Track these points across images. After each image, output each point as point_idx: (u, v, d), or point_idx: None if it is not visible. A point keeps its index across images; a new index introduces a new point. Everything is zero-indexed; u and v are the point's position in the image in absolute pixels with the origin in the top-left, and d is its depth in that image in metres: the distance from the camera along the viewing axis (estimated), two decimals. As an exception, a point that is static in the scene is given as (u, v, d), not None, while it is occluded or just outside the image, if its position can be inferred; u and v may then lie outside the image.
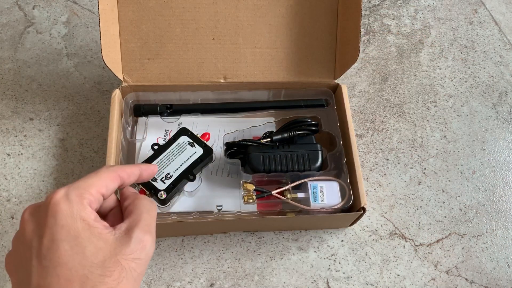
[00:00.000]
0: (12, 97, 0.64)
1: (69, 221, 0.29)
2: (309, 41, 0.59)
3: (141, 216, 0.32)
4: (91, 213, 0.30)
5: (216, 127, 0.60)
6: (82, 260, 0.28)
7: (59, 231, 0.28)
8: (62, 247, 0.28)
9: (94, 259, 0.28)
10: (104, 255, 0.28)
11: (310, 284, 0.53)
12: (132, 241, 0.30)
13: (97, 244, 0.29)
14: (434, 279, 0.55)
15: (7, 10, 0.73)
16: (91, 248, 0.28)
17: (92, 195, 0.31)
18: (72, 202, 0.29)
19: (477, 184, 0.62)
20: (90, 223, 0.29)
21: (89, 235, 0.29)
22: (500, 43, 0.76)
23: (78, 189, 0.30)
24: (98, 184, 0.32)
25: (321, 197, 0.51)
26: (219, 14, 0.57)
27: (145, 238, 0.31)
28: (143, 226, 0.31)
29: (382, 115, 0.67)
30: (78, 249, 0.28)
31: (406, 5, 0.80)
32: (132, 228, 0.31)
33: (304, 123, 0.56)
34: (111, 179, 0.33)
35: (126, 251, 0.29)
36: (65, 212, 0.29)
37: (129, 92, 0.58)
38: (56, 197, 0.29)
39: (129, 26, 0.56)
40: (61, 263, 0.28)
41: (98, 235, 0.29)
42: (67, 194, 0.30)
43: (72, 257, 0.28)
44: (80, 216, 0.29)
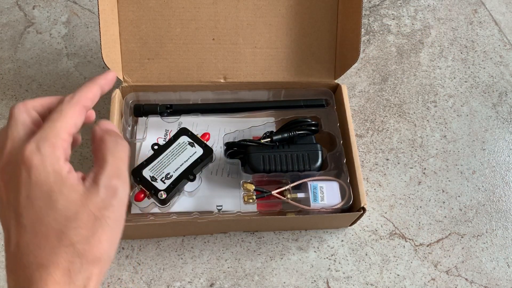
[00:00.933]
0: (12, 97, 0.64)
1: (42, 176, 0.28)
2: (309, 41, 0.59)
3: (106, 160, 0.30)
4: (64, 165, 0.29)
5: (216, 127, 0.60)
6: (55, 215, 0.28)
7: (34, 188, 0.28)
8: (37, 204, 0.28)
9: (67, 212, 0.28)
10: (76, 207, 0.28)
11: (310, 284, 0.53)
12: (100, 189, 0.29)
13: (69, 196, 0.28)
14: (434, 279, 0.55)
15: (7, 10, 0.73)
16: (63, 201, 0.28)
17: (64, 141, 0.29)
18: (45, 155, 0.28)
19: (477, 184, 0.62)
20: (63, 175, 0.28)
21: (61, 188, 0.28)
22: (500, 43, 0.76)
23: (48, 139, 0.29)
24: (66, 126, 0.30)
25: (321, 197, 0.51)
26: (219, 14, 0.57)
27: (113, 183, 0.29)
28: (109, 171, 0.29)
29: (382, 115, 0.67)
30: (51, 204, 0.28)
31: (406, 5, 0.80)
32: (98, 175, 0.29)
33: (304, 123, 0.56)
34: (78, 114, 0.31)
35: (96, 200, 0.28)
36: (38, 167, 0.28)
37: (129, 92, 0.58)
38: (27, 152, 0.28)
39: (129, 26, 0.56)
40: (37, 220, 0.28)
41: (70, 187, 0.28)
42: (37, 146, 0.28)
43: (47, 212, 0.28)
44: (53, 169, 0.28)
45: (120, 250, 0.54)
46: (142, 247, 0.55)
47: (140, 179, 0.50)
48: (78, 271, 0.27)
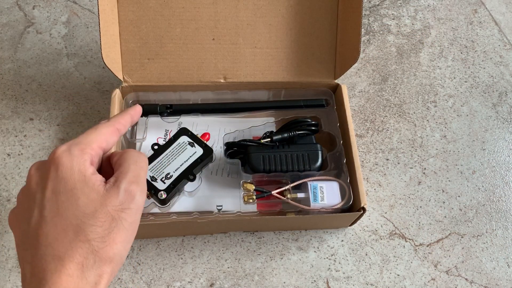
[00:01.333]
0: (12, 97, 0.64)
1: (68, 173, 0.30)
2: (309, 41, 0.59)
3: (129, 167, 0.33)
4: (89, 167, 0.31)
5: (216, 127, 0.60)
6: (75, 211, 0.30)
7: (59, 183, 0.30)
8: (60, 198, 0.30)
9: (87, 209, 0.30)
10: (95, 206, 0.30)
11: (310, 284, 0.53)
12: (120, 192, 0.31)
13: (90, 195, 0.30)
14: (434, 279, 0.55)
15: (7, 10, 0.73)
16: (84, 199, 0.30)
17: (93, 150, 0.32)
18: (73, 155, 0.31)
19: (477, 184, 0.62)
20: (87, 176, 0.31)
21: (84, 187, 0.30)
22: (500, 43, 0.76)
23: (80, 144, 0.32)
24: (98, 139, 0.33)
25: (321, 197, 0.51)
26: (219, 14, 0.57)
27: (132, 188, 0.31)
28: (130, 177, 0.32)
29: (382, 115, 0.67)
30: (73, 200, 0.30)
31: (406, 5, 0.80)
32: (120, 179, 0.32)
33: (304, 123, 0.56)
34: (111, 133, 0.35)
35: (115, 202, 0.30)
36: (66, 165, 0.30)
37: (129, 92, 0.58)
38: (59, 151, 0.31)
39: (129, 26, 0.56)
40: (59, 213, 0.30)
41: (92, 187, 0.30)
42: (69, 148, 0.31)
43: (68, 207, 0.30)
44: (78, 168, 0.31)
45: (120, 250, 0.54)
46: (142, 247, 0.55)
47: (140, 179, 0.50)
48: (91, 267, 0.29)
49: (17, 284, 0.51)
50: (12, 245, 0.53)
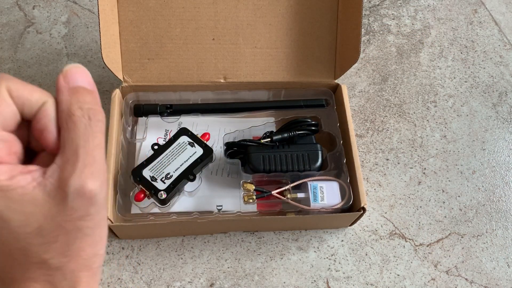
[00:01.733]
0: (12, 97, 0.64)
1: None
2: (309, 41, 0.59)
3: (77, 152, 0.21)
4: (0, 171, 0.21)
5: (216, 127, 0.60)
6: (12, 234, 0.21)
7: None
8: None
9: (27, 229, 0.21)
10: (37, 221, 0.21)
11: (310, 284, 0.53)
12: (69, 198, 0.21)
13: (23, 210, 0.21)
14: (434, 279, 0.55)
15: (7, 10, 0.73)
16: (16, 218, 0.21)
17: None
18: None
19: (477, 184, 0.62)
20: (3, 186, 0.21)
21: (7, 204, 0.21)
22: (500, 43, 0.76)
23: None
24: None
25: (321, 197, 0.51)
26: (219, 14, 0.57)
27: (88, 188, 0.21)
28: (82, 168, 0.21)
29: (382, 115, 0.67)
30: (2, 223, 0.21)
31: (406, 5, 0.80)
32: (65, 176, 0.21)
33: (304, 123, 0.56)
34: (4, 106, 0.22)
35: (64, 212, 0.21)
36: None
37: (129, 92, 0.58)
38: None
39: (129, 26, 0.56)
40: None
41: (20, 199, 0.21)
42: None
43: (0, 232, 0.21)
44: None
45: (120, 250, 0.54)
46: (142, 247, 0.55)
47: (140, 179, 0.50)
48: (61, 280, 0.23)
49: (17, 284, 0.51)
50: (12, 245, 0.53)
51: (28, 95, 0.22)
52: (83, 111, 0.22)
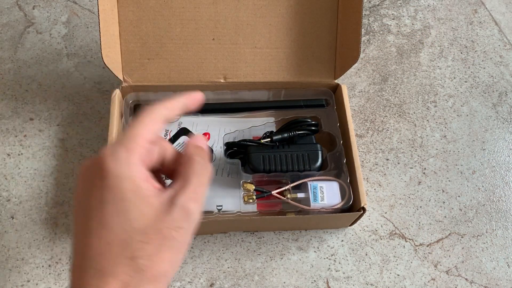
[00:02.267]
0: (12, 97, 0.64)
1: (116, 182, 0.27)
2: (309, 41, 0.59)
3: (190, 181, 0.29)
4: (140, 172, 0.28)
5: (216, 127, 0.60)
6: (124, 224, 0.27)
7: (106, 193, 0.27)
8: (107, 209, 0.27)
9: (136, 224, 0.27)
10: (146, 221, 0.27)
11: (310, 284, 0.53)
12: (175, 209, 0.27)
13: (142, 208, 0.27)
14: (434, 279, 0.55)
15: (7, 10, 0.73)
16: (135, 212, 0.27)
17: (141, 147, 0.29)
18: (120, 160, 0.27)
19: (477, 184, 0.62)
20: (138, 184, 0.27)
21: (135, 198, 0.27)
22: (500, 43, 0.76)
23: (125, 144, 0.28)
24: (144, 131, 0.29)
25: (321, 197, 0.51)
26: (219, 14, 0.57)
27: (190, 206, 0.28)
28: (189, 193, 0.28)
29: (382, 115, 0.67)
30: (122, 212, 0.27)
31: (406, 5, 0.80)
32: (178, 195, 0.28)
33: (304, 123, 0.56)
34: (155, 121, 0.31)
35: (167, 219, 0.27)
36: (113, 172, 0.27)
37: (129, 92, 0.58)
38: (103, 156, 0.28)
39: (129, 26, 0.56)
40: (104, 225, 0.27)
41: (144, 198, 0.27)
42: (114, 151, 0.28)
43: (115, 220, 0.27)
44: (128, 176, 0.27)
45: (120, 250, 0.54)
46: (142, 247, 0.55)
47: (140, 179, 0.50)
48: (134, 286, 0.26)
49: (17, 284, 0.51)
50: (11, 245, 0.53)
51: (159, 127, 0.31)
52: (199, 159, 0.31)
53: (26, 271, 0.52)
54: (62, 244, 0.54)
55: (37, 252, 0.53)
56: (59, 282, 0.51)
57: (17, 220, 0.55)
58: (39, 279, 0.51)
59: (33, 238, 0.54)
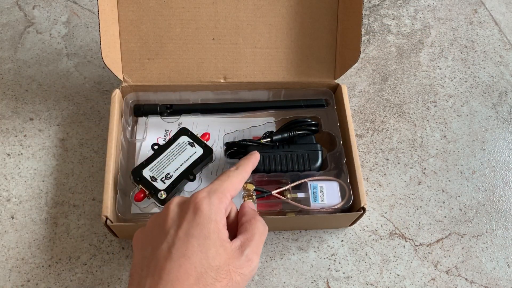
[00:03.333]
0: (12, 97, 0.64)
1: (205, 221, 0.32)
2: (309, 41, 0.59)
3: (254, 237, 0.35)
4: (223, 219, 0.33)
5: (216, 127, 0.60)
6: (203, 259, 0.31)
7: (194, 228, 0.32)
8: (191, 242, 0.31)
9: (213, 262, 0.31)
10: (220, 261, 0.32)
11: (310, 284, 0.53)
12: (243, 257, 0.33)
13: (219, 249, 0.32)
14: (434, 279, 0.55)
15: (7, 10, 0.73)
16: (214, 251, 0.32)
17: (227, 199, 0.35)
18: (213, 204, 0.33)
19: (477, 184, 0.62)
20: (220, 228, 0.33)
21: (216, 239, 0.32)
22: (500, 43, 0.76)
23: (218, 192, 0.34)
24: (231, 188, 0.36)
25: (321, 197, 0.51)
26: (219, 14, 0.57)
27: (253, 257, 0.34)
28: (253, 246, 0.34)
29: (382, 115, 0.67)
30: (204, 248, 0.31)
31: (406, 5, 0.80)
32: (245, 245, 0.34)
33: (304, 123, 0.56)
34: (239, 182, 0.37)
35: (236, 264, 0.32)
36: (205, 212, 0.32)
37: (129, 92, 0.58)
38: (200, 197, 0.33)
39: (129, 26, 0.56)
40: (186, 256, 0.31)
41: (222, 242, 0.32)
42: (209, 195, 0.33)
43: (197, 253, 0.31)
44: (215, 218, 0.33)
45: (120, 250, 0.54)
46: (142, 247, 0.55)
47: (140, 179, 0.50)
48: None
49: (16, 284, 0.51)
50: (11, 245, 0.53)
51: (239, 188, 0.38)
52: (261, 221, 0.37)
53: (26, 271, 0.52)
54: (62, 244, 0.54)
55: (37, 252, 0.53)
56: (59, 282, 0.51)
57: (17, 220, 0.55)
58: (39, 279, 0.51)
59: (33, 238, 0.54)
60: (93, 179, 0.58)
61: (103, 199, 0.48)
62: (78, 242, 0.54)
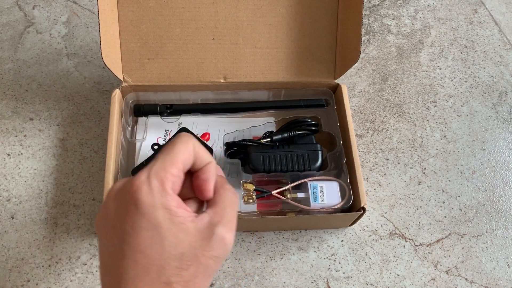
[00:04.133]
0: (12, 97, 0.64)
1: (150, 210, 0.28)
2: (309, 41, 0.59)
3: (225, 210, 0.30)
4: (173, 200, 0.28)
5: (216, 127, 0.60)
6: (160, 250, 0.27)
7: (140, 219, 0.28)
8: (141, 235, 0.27)
9: (173, 250, 0.27)
10: (183, 247, 0.28)
11: (310, 284, 0.53)
12: (214, 238, 0.28)
13: (178, 235, 0.28)
14: (434, 279, 0.55)
15: (7, 10, 0.73)
16: (171, 239, 0.28)
17: (173, 176, 0.29)
18: (154, 189, 0.28)
19: (477, 184, 0.62)
20: (172, 211, 0.28)
21: (170, 225, 0.28)
22: (500, 43, 0.76)
23: (159, 172, 0.29)
24: (177, 160, 0.29)
25: (321, 197, 0.51)
26: (219, 14, 0.57)
27: (227, 236, 0.29)
28: (226, 222, 0.29)
29: (382, 115, 0.67)
30: (158, 238, 0.27)
31: (406, 5, 0.80)
32: (215, 223, 0.29)
33: (304, 123, 0.56)
34: (188, 152, 0.30)
35: (206, 247, 0.28)
36: (147, 201, 0.28)
37: (129, 92, 0.58)
38: (136, 184, 0.28)
39: (129, 26, 0.56)
40: (140, 250, 0.27)
41: (179, 225, 0.28)
42: (148, 180, 0.28)
43: (151, 246, 0.27)
44: (161, 204, 0.28)
45: (120, 250, 0.54)
46: (142, 247, 0.55)
47: (140, 179, 0.50)
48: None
49: (16, 284, 0.51)
50: (11, 245, 0.53)
51: (203, 154, 0.31)
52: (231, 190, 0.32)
53: (26, 271, 0.52)
54: (62, 244, 0.54)
55: (37, 252, 0.53)
56: (59, 282, 0.51)
57: (17, 220, 0.55)
58: (39, 279, 0.51)
59: (33, 238, 0.54)
60: (93, 179, 0.58)
61: (103, 199, 0.48)
62: (78, 242, 0.54)
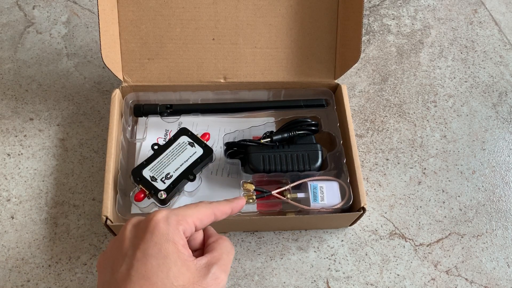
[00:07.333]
0: (12, 97, 0.64)
1: (162, 240, 0.32)
2: (309, 41, 0.59)
3: (222, 255, 0.35)
4: (182, 239, 0.33)
5: (216, 127, 0.60)
6: (165, 279, 0.31)
7: (152, 247, 0.31)
8: (150, 263, 0.31)
9: (175, 281, 0.31)
10: (184, 280, 0.31)
11: (310, 284, 0.53)
12: (209, 275, 0.32)
13: (181, 268, 0.31)
14: (434, 279, 0.55)
15: (7, 10, 0.73)
16: (175, 270, 0.31)
17: (188, 224, 0.34)
18: (170, 224, 0.33)
19: (477, 184, 0.62)
20: (179, 247, 0.32)
21: (176, 258, 0.31)
22: (500, 43, 0.76)
23: (177, 215, 0.34)
24: (195, 216, 0.35)
25: (321, 197, 0.51)
26: (219, 14, 0.57)
27: (221, 276, 0.33)
28: (221, 264, 0.34)
29: (382, 115, 0.67)
30: (164, 268, 0.31)
31: (406, 5, 0.80)
32: (212, 264, 0.33)
33: (304, 123, 0.56)
34: (207, 215, 0.36)
35: (202, 282, 0.32)
36: (162, 232, 0.32)
37: (129, 92, 0.58)
38: (158, 217, 0.33)
39: (129, 26, 0.56)
40: (146, 277, 0.30)
41: (183, 261, 0.32)
42: (167, 216, 0.33)
43: (157, 274, 0.31)
44: (173, 238, 0.32)
45: (120, 250, 0.54)
46: (142, 247, 0.55)
47: (140, 179, 0.50)
48: None
49: (16, 284, 0.51)
50: (11, 245, 0.53)
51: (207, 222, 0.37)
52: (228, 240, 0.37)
53: (26, 271, 0.52)
54: (62, 244, 0.54)
55: (37, 252, 0.53)
56: (59, 282, 0.51)
57: (17, 220, 0.55)
58: (39, 279, 0.51)
59: (33, 238, 0.54)
60: (93, 179, 0.58)
61: (103, 199, 0.48)
62: (78, 242, 0.54)
